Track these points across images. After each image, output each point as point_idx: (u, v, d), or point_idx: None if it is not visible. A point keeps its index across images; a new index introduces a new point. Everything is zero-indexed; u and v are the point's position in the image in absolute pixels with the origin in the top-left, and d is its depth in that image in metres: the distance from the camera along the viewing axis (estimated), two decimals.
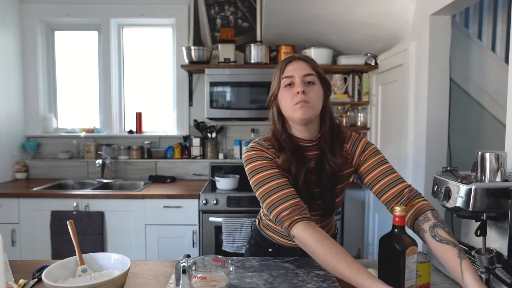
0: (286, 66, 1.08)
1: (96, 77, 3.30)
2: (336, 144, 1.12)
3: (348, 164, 1.15)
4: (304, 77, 1.06)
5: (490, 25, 2.60)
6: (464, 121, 2.45)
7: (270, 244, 1.28)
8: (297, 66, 1.07)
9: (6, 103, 2.96)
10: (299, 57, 1.10)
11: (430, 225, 0.97)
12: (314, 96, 1.06)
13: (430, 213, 1.01)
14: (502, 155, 1.01)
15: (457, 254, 0.88)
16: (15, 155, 3.10)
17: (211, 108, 2.77)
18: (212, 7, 3.12)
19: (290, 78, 1.07)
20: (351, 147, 1.15)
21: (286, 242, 1.25)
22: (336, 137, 1.13)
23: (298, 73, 1.06)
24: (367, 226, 3.17)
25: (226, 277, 0.93)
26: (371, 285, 0.81)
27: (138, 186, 2.98)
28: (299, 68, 1.07)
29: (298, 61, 1.08)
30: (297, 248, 1.23)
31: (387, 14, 2.28)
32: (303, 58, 1.10)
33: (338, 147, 1.12)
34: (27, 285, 1.03)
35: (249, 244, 1.38)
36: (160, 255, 2.60)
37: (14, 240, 2.59)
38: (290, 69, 1.07)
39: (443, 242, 0.92)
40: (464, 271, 0.84)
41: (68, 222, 1.08)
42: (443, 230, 0.95)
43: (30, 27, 3.14)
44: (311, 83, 1.07)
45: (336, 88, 3.06)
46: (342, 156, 1.11)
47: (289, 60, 1.09)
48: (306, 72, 1.07)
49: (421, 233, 0.99)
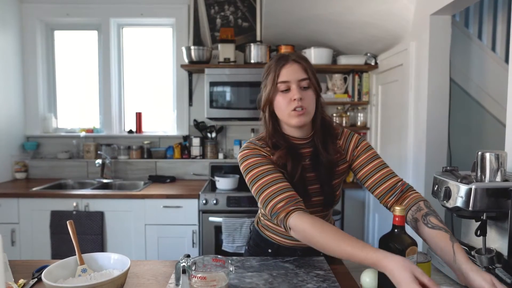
0: (281, 70, 1.06)
1: (96, 77, 3.30)
2: (329, 140, 1.13)
3: (343, 160, 1.16)
4: (300, 82, 1.06)
5: (490, 25, 2.60)
6: (464, 121, 2.45)
7: (270, 244, 1.27)
8: (292, 70, 1.06)
9: (5, 103, 2.96)
10: (293, 59, 1.08)
11: (422, 214, 1.01)
12: (309, 102, 1.07)
13: (423, 203, 1.04)
14: (502, 155, 1.01)
15: (449, 238, 0.92)
16: (15, 155, 3.10)
17: (211, 108, 2.77)
18: (212, 7, 3.12)
19: (286, 83, 1.06)
20: (344, 142, 1.17)
21: (285, 241, 1.25)
22: (328, 133, 1.14)
23: (293, 77, 1.05)
24: (367, 226, 3.17)
25: (226, 277, 0.93)
26: (377, 255, 0.80)
27: (138, 186, 2.98)
28: (294, 72, 1.06)
29: (293, 64, 1.06)
30: (297, 247, 1.23)
31: (387, 14, 2.28)
32: (297, 60, 1.08)
33: (331, 142, 1.14)
34: (27, 285, 1.03)
35: (248, 245, 1.38)
36: (160, 255, 2.60)
37: (13, 240, 2.59)
38: (285, 73, 1.06)
39: (435, 228, 0.96)
40: (456, 253, 0.88)
41: (68, 222, 1.08)
42: (435, 218, 0.98)
43: (30, 27, 3.14)
44: (306, 87, 1.07)
45: (336, 88, 3.06)
46: (336, 151, 1.13)
47: (284, 63, 1.07)
48: (302, 77, 1.06)
49: (414, 222, 1.02)
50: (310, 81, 1.07)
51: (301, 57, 1.10)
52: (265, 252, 1.28)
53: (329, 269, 1.15)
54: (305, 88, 1.07)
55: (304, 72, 1.07)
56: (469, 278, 0.83)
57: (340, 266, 1.20)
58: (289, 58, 1.08)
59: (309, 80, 1.07)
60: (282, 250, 1.26)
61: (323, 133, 1.13)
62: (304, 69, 1.07)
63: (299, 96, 1.04)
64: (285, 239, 1.24)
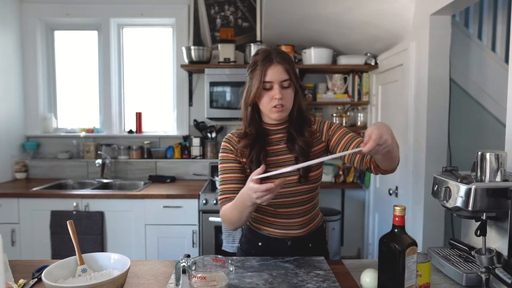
0: (267, 70, 1.17)
1: (96, 77, 3.30)
2: (304, 125, 1.27)
3: (318, 140, 1.28)
4: (282, 82, 1.18)
5: (490, 25, 2.60)
6: (464, 121, 2.45)
7: (259, 237, 1.30)
8: (276, 71, 1.17)
9: (6, 103, 2.96)
10: (278, 60, 1.17)
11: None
12: (289, 99, 1.20)
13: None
14: (502, 155, 1.01)
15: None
16: (15, 155, 3.10)
17: (211, 108, 2.77)
18: (212, 7, 3.12)
19: (270, 83, 1.17)
20: (318, 126, 1.30)
21: (274, 231, 1.28)
22: (304, 120, 1.27)
23: (276, 78, 1.17)
24: (367, 226, 3.17)
25: (226, 277, 0.93)
26: (242, 195, 1.06)
27: (138, 186, 2.98)
28: (277, 73, 1.17)
29: (277, 65, 1.17)
30: (286, 237, 1.28)
31: (387, 14, 2.28)
32: (280, 62, 1.17)
33: (307, 127, 1.27)
34: (27, 285, 1.03)
35: (240, 243, 1.41)
36: (160, 255, 2.60)
37: (14, 240, 2.59)
38: (269, 74, 1.17)
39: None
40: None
41: (68, 222, 1.08)
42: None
43: (30, 27, 3.14)
44: (286, 87, 1.19)
45: (336, 88, 3.06)
46: (310, 132, 1.25)
47: (269, 64, 1.17)
48: (283, 78, 1.17)
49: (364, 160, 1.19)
50: (291, 81, 1.19)
51: (284, 58, 1.19)
52: (256, 246, 1.31)
53: (329, 269, 1.15)
54: (285, 87, 1.19)
55: (286, 73, 1.18)
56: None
57: (340, 266, 1.20)
58: (274, 59, 1.18)
59: (289, 80, 1.19)
60: (272, 241, 1.28)
61: (298, 120, 1.26)
62: (286, 70, 1.18)
63: (280, 96, 1.17)
64: (274, 228, 1.28)
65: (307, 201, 1.27)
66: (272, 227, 1.28)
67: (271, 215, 1.27)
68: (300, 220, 1.27)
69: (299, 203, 1.26)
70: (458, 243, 1.19)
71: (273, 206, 1.25)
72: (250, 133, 1.25)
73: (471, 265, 1.08)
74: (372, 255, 3.05)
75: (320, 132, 1.29)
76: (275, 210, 1.26)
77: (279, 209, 1.26)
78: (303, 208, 1.27)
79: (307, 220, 1.29)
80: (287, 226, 1.27)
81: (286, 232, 1.27)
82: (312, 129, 1.28)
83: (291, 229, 1.27)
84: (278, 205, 1.25)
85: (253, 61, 1.21)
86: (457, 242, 1.19)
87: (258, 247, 1.31)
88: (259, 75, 1.17)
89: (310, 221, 1.30)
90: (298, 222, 1.27)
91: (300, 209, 1.26)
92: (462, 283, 1.04)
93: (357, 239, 3.30)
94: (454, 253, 1.19)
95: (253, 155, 1.21)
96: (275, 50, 1.21)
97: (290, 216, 1.26)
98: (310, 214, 1.30)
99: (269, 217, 1.27)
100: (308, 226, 1.30)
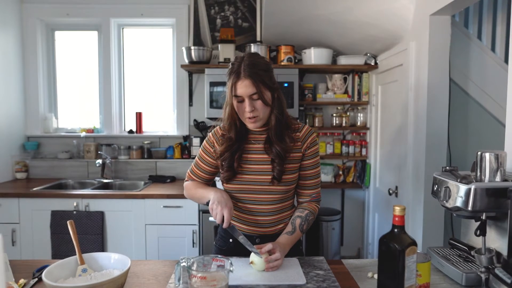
0: (236, 85, 1.20)
1: (96, 77, 3.31)
2: (285, 132, 1.28)
3: (298, 148, 1.30)
4: (251, 96, 1.20)
5: (489, 25, 2.60)
6: (464, 121, 2.45)
7: (230, 234, 1.32)
8: (244, 86, 1.19)
9: (6, 103, 2.96)
10: (244, 75, 1.18)
11: (298, 213, 1.30)
12: (260, 109, 1.22)
13: (308, 211, 1.30)
14: (501, 155, 1.01)
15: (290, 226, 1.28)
16: (15, 155, 3.10)
17: (211, 108, 2.77)
18: (212, 7, 3.12)
19: (239, 97, 1.21)
20: (304, 136, 1.31)
21: (243, 228, 1.32)
22: (285, 127, 1.28)
23: (245, 93, 1.19)
24: (367, 226, 3.17)
25: (226, 277, 0.93)
26: (208, 192, 1.26)
27: (138, 186, 2.98)
28: (246, 88, 1.19)
29: (244, 80, 1.18)
30: (255, 235, 1.31)
31: (387, 14, 2.28)
32: (248, 75, 1.18)
33: (288, 134, 1.28)
34: (27, 285, 1.04)
35: (215, 240, 1.43)
36: (160, 255, 2.60)
37: (14, 240, 2.59)
38: (238, 89, 1.20)
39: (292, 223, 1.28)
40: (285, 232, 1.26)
41: (68, 222, 1.08)
42: (299, 219, 1.28)
43: (30, 27, 3.14)
44: (256, 99, 1.21)
45: (336, 88, 3.06)
46: (291, 139, 1.28)
47: (236, 80, 1.20)
48: (252, 92, 1.19)
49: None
50: (260, 93, 1.19)
51: (252, 72, 1.19)
52: (227, 243, 1.35)
53: (329, 269, 1.15)
54: (256, 99, 1.21)
55: (254, 87, 1.18)
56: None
57: (340, 266, 1.20)
58: (241, 74, 1.19)
59: (258, 93, 1.19)
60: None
61: (279, 126, 1.26)
62: (254, 84, 1.18)
63: (250, 109, 1.20)
64: (242, 224, 1.32)
65: (277, 201, 1.30)
66: (242, 223, 1.33)
67: (241, 210, 1.32)
68: (269, 219, 1.30)
69: (269, 202, 1.29)
70: (458, 243, 1.19)
71: (243, 201, 1.30)
72: (230, 138, 1.30)
73: (470, 265, 1.09)
74: (372, 255, 3.06)
75: (302, 142, 1.30)
76: (244, 205, 1.30)
77: (249, 205, 1.29)
78: (273, 208, 1.29)
79: (276, 219, 1.31)
80: (255, 223, 1.31)
81: (254, 229, 1.32)
82: (295, 136, 1.29)
83: (260, 226, 1.31)
84: (248, 200, 1.29)
85: (228, 71, 1.24)
86: (456, 242, 1.20)
87: (229, 243, 1.34)
88: (230, 89, 1.22)
89: (280, 221, 1.32)
90: (266, 220, 1.30)
91: (269, 208, 1.29)
92: (461, 283, 1.04)
93: (357, 239, 3.30)
94: (454, 253, 1.19)
95: (226, 157, 1.28)
96: (246, 61, 1.21)
97: (259, 213, 1.30)
98: (280, 214, 1.32)
99: (239, 212, 1.33)
100: (278, 226, 1.32)
